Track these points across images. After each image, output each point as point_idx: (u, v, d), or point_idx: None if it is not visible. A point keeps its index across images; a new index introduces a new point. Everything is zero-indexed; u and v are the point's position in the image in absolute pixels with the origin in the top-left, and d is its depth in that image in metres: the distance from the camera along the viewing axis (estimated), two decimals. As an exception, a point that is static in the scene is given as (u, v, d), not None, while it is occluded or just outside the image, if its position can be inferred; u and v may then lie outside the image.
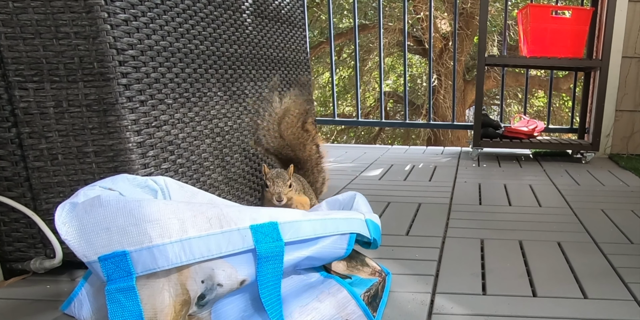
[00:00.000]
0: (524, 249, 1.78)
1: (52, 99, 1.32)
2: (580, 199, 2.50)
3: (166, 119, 1.51)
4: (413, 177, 2.95)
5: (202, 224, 0.96)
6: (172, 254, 0.92)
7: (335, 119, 4.42)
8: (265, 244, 1.01)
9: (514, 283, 1.50)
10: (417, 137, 10.75)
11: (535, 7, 3.40)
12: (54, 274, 1.50)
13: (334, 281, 1.18)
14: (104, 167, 1.37)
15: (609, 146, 3.90)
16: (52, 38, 1.28)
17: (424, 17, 9.20)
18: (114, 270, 0.90)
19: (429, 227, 1.99)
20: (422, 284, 1.47)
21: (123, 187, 1.08)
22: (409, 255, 1.70)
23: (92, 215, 0.92)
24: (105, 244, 0.90)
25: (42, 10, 1.27)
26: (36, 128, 1.33)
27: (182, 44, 1.58)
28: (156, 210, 0.93)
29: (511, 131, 3.72)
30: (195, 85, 1.65)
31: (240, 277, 1.00)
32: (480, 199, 2.47)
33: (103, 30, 1.29)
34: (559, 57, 3.41)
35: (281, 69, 2.29)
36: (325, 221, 1.11)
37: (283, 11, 2.30)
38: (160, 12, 1.48)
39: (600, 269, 1.62)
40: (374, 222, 1.25)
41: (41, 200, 1.38)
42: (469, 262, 1.65)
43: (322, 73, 11.07)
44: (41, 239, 1.43)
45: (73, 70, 1.30)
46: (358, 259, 1.35)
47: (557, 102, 10.46)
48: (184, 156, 1.60)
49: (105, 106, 1.33)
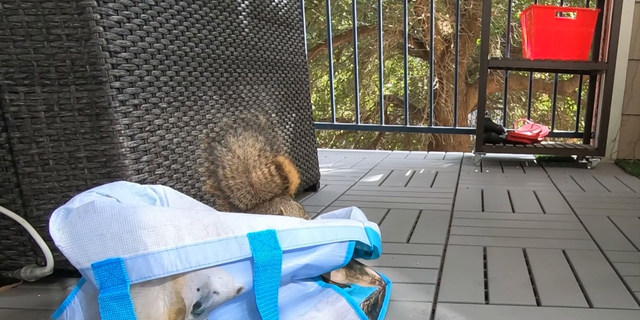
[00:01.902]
0: (527, 256, 1.78)
1: (43, 103, 1.32)
2: (585, 205, 2.51)
3: (160, 123, 1.52)
4: (414, 183, 2.96)
5: (198, 232, 0.97)
6: (167, 261, 0.93)
7: (334, 123, 4.43)
8: (263, 252, 1.01)
9: (517, 292, 1.50)
10: (418, 142, 10.76)
11: (540, 9, 3.41)
12: (45, 283, 1.50)
13: (332, 290, 1.19)
14: (96, 172, 1.37)
15: (615, 151, 3.91)
16: (43, 40, 1.29)
17: (425, 19, 9.22)
18: (107, 277, 0.91)
19: (430, 235, 1.99)
20: (423, 293, 1.48)
21: (121, 194, 1.09)
22: (409, 263, 1.70)
23: (86, 221, 0.92)
24: (99, 250, 0.91)
25: (33, 12, 1.27)
26: (27, 133, 1.33)
27: (176, 46, 1.59)
28: (152, 217, 0.94)
29: (515, 136, 3.73)
30: (190, 89, 1.66)
31: (237, 285, 1.00)
32: (483, 205, 2.48)
33: (95, 32, 1.29)
34: (563, 59, 3.42)
35: (278, 71, 2.29)
36: (323, 229, 1.12)
37: (280, 12, 2.31)
38: (155, 13, 1.49)
39: (606, 278, 1.62)
40: (373, 230, 1.26)
41: (32, 206, 1.39)
42: (471, 271, 1.65)
43: (320, 76, 11.09)
44: (32, 247, 1.43)
45: (65, 73, 1.31)
46: (357, 267, 1.36)
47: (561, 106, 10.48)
48: (179, 162, 1.61)
49: (97, 110, 1.33)
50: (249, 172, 1.50)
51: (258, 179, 1.51)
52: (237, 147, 1.47)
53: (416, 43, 10.14)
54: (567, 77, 8.94)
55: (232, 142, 1.47)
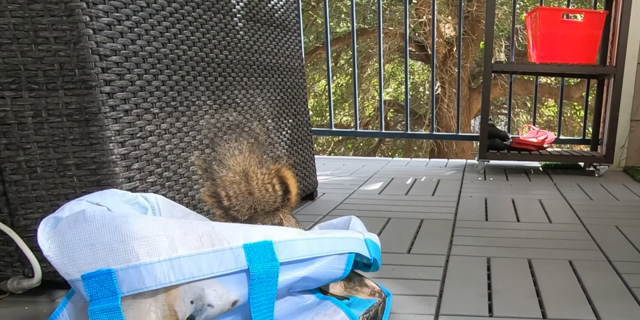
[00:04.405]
0: (533, 267, 1.79)
1: (31, 108, 1.32)
2: (593, 214, 2.51)
3: (152, 129, 1.52)
4: (415, 192, 2.96)
5: (192, 242, 0.97)
6: (160, 273, 0.93)
7: (332, 130, 4.44)
8: (259, 264, 1.01)
9: (522, 304, 1.50)
10: (419, 148, 10.77)
11: (545, 11, 3.42)
12: (32, 295, 1.50)
13: (330, 302, 1.19)
14: (85, 180, 1.37)
15: (623, 158, 3.91)
16: (30, 43, 1.29)
17: (426, 21, 9.25)
18: (97, 289, 0.91)
19: (431, 245, 1.99)
20: (425, 305, 1.48)
21: (111, 203, 1.09)
22: (410, 274, 1.70)
23: (76, 230, 0.92)
24: (90, 261, 0.91)
25: (20, 14, 1.28)
26: (13, 139, 1.33)
27: (169, 50, 1.60)
28: (144, 227, 0.94)
29: (519, 142, 3.73)
30: (183, 94, 1.66)
31: (232, 298, 1.00)
32: (487, 214, 2.48)
33: (85, 34, 1.30)
34: (570, 63, 3.43)
35: (274, 76, 2.30)
36: (322, 240, 1.12)
37: (276, 15, 2.32)
38: (146, 15, 1.50)
39: (615, 289, 1.62)
40: (373, 242, 1.26)
41: (19, 216, 1.39)
42: (474, 282, 1.66)
43: (318, 80, 11.10)
44: (19, 257, 1.43)
45: (53, 78, 1.31)
46: (356, 279, 1.36)
47: (568, 111, 10.51)
48: (171, 169, 1.61)
49: (87, 116, 1.34)
50: (248, 181, 1.49)
51: (257, 187, 1.50)
52: (232, 161, 1.45)
53: (417, 46, 10.17)
54: (574, 82, 8.96)
55: (224, 155, 1.45)
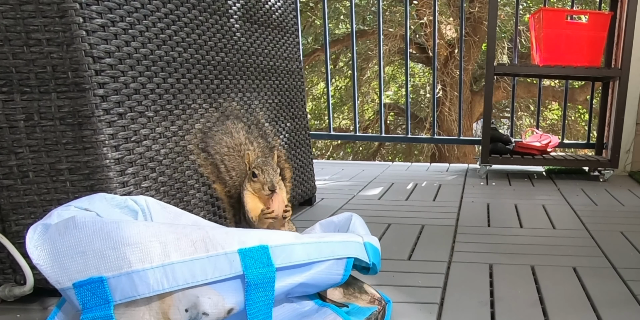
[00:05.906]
0: (536, 274, 1.78)
1: (23, 112, 1.32)
2: (597, 220, 2.51)
3: (147, 133, 1.52)
4: (416, 197, 2.96)
5: (186, 248, 0.97)
6: (153, 280, 0.93)
7: (331, 133, 4.43)
8: (255, 270, 1.01)
9: (525, 312, 1.50)
10: (420, 153, 10.78)
11: (549, 12, 3.43)
12: (24, 302, 1.50)
13: (329, 310, 1.19)
14: (79, 185, 1.37)
15: (629, 163, 3.91)
16: (22, 45, 1.29)
17: (427, 23, 9.26)
18: (89, 297, 0.91)
19: (432, 251, 1.99)
20: (426, 313, 1.48)
21: (100, 208, 1.09)
22: (411, 281, 1.70)
23: (67, 238, 0.92)
24: (81, 269, 0.91)
25: (12, 15, 1.28)
26: (5, 143, 1.33)
27: (164, 52, 1.59)
28: (136, 233, 0.94)
29: (522, 147, 3.73)
30: (178, 97, 1.66)
31: (227, 306, 1.00)
32: (489, 220, 2.48)
33: (78, 36, 1.30)
34: (574, 65, 3.43)
35: (272, 78, 2.30)
36: (320, 244, 1.12)
37: (274, 16, 2.32)
38: (141, 17, 1.50)
39: (620, 297, 1.62)
40: (373, 246, 1.26)
41: (10, 221, 1.38)
42: (476, 289, 1.65)
43: (316, 83, 11.10)
44: (10, 264, 1.43)
45: (45, 80, 1.31)
46: (356, 285, 1.36)
47: (572, 114, 10.51)
48: (166, 174, 1.61)
49: (80, 119, 1.33)
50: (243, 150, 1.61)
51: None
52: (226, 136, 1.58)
53: (418, 48, 10.17)
54: (578, 84, 8.97)
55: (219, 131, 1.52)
